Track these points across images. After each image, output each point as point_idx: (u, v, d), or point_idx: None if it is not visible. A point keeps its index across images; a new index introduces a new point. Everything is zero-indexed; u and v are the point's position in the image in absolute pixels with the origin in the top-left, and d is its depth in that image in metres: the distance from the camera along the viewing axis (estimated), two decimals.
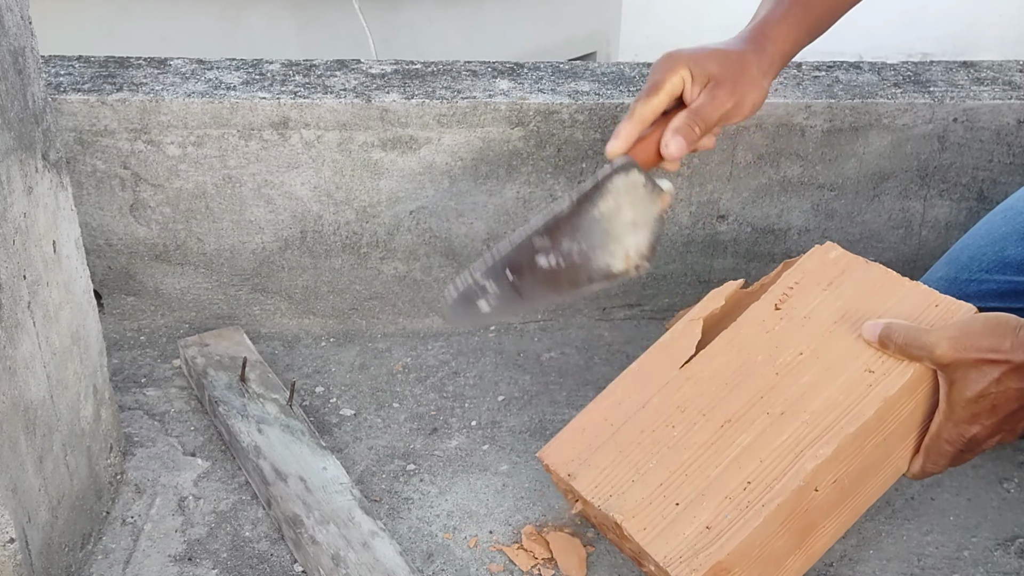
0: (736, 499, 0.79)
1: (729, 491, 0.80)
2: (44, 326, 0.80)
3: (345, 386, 1.16)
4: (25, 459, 0.77)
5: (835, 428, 0.79)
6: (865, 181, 1.23)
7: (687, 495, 0.81)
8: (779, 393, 0.83)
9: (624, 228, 0.78)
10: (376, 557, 0.87)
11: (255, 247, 1.21)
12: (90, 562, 0.90)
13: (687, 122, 0.83)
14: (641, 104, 0.84)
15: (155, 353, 1.20)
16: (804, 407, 0.81)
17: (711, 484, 0.81)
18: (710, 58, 0.85)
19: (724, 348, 0.89)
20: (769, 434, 0.81)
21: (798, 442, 0.80)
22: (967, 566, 0.92)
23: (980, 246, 1.04)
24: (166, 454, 1.03)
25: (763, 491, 0.78)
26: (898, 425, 0.81)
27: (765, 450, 0.80)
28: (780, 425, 0.81)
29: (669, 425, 0.86)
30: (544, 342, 1.25)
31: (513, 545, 0.92)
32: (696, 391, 0.87)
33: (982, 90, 1.23)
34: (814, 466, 0.78)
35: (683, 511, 0.80)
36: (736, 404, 0.84)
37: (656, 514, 0.81)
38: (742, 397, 0.84)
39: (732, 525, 0.78)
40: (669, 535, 0.79)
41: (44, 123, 0.81)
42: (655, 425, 0.86)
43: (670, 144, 0.82)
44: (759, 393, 0.84)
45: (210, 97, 1.12)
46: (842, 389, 0.81)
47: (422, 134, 1.15)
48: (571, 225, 0.77)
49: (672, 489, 0.82)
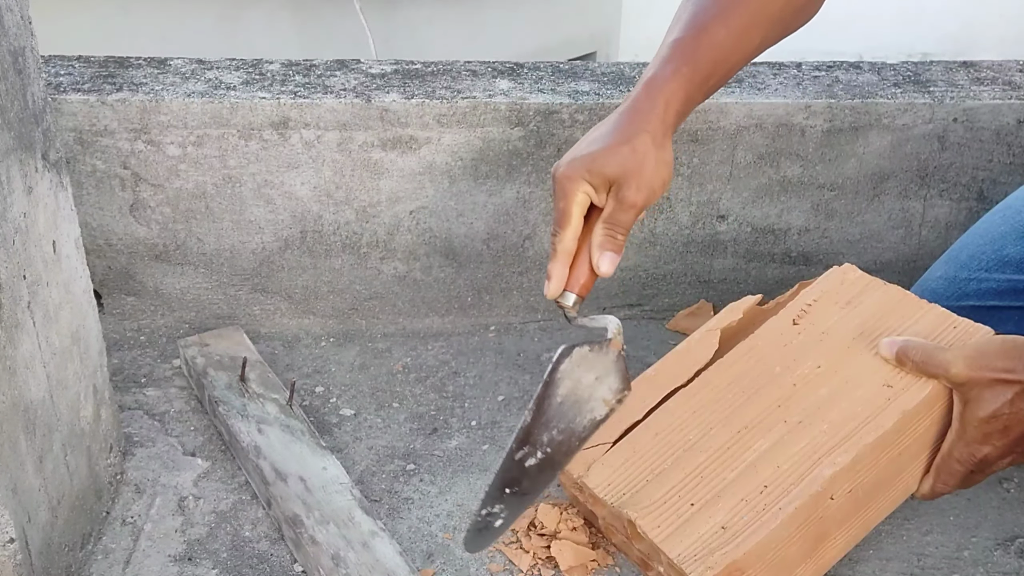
0: (752, 502, 0.79)
1: (745, 494, 0.80)
2: (44, 326, 0.80)
3: (345, 386, 1.16)
4: (25, 459, 0.77)
5: (854, 438, 0.80)
6: (865, 181, 1.23)
7: (702, 496, 0.81)
8: (797, 402, 0.84)
9: (590, 388, 0.81)
10: (376, 557, 0.87)
11: (255, 247, 1.21)
12: (90, 562, 0.90)
13: (607, 234, 0.81)
14: (559, 241, 0.82)
15: (155, 353, 1.20)
16: (823, 417, 0.82)
17: (727, 486, 0.81)
18: (605, 160, 0.80)
19: (741, 358, 0.90)
20: (787, 441, 0.81)
21: (816, 450, 0.80)
22: (967, 566, 0.92)
23: (979, 245, 1.05)
24: (166, 454, 1.03)
25: (780, 495, 0.78)
26: (914, 440, 0.82)
27: (782, 456, 0.81)
28: (798, 433, 0.82)
29: (685, 428, 0.86)
30: (544, 342, 1.25)
31: (513, 545, 0.92)
32: (713, 397, 0.87)
33: (982, 90, 1.23)
34: (832, 473, 0.78)
35: (698, 511, 0.80)
36: (753, 411, 0.85)
37: (671, 513, 0.81)
38: (759, 405, 0.85)
39: (748, 526, 0.78)
40: (684, 534, 0.79)
41: (44, 123, 0.81)
42: (671, 428, 0.87)
43: (601, 264, 0.81)
44: (777, 402, 0.84)
45: (210, 97, 1.12)
46: (860, 401, 0.82)
47: (422, 134, 1.15)
48: (540, 424, 0.80)
49: (688, 490, 0.82)
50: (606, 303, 1.28)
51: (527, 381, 1.17)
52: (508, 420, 1.10)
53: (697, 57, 0.86)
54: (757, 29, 0.88)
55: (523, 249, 1.24)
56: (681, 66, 0.85)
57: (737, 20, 0.87)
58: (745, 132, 1.18)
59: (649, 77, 0.85)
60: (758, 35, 0.89)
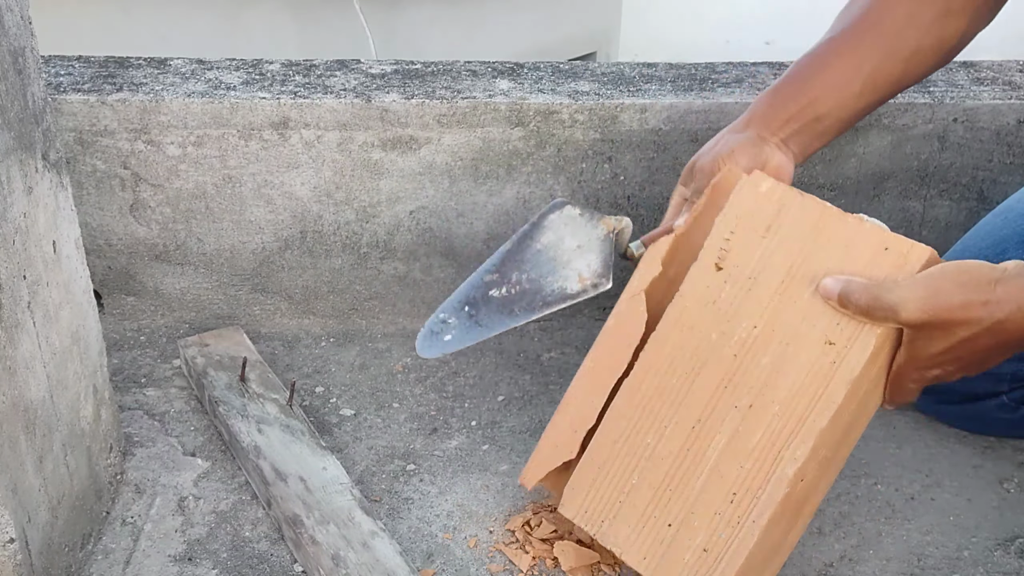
0: (726, 515, 0.79)
1: (717, 506, 0.79)
2: (44, 326, 0.80)
3: (345, 386, 1.16)
4: (25, 459, 0.77)
5: (807, 421, 0.77)
6: (865, 181, 1.23)
7: (677, 513, 0.81)
8: (742, 379, 0.80)
9: (570, 254, 0.84)
10: (376, 557, 0.87)
11: (255, 247, 1.21)
12: (90, 562, 0.90)
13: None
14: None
15: (155, 353, 1.20)
16: (771, 396, 0.78)
17: (697, 498, 0.80)
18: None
19: (673, 328, 0.84)
20: (742, 434, 0.79)
21: (774, 441, 0.78)
22: (967, 566, 0.92)
23: (980, 248, 1.04)
24: (166, 454, 1.03)
25: (750, 503, 0.78)
26: (868, 385, 0.79)
27: (742, 453, 0.79)
28: (751, 421, 0.79)
29: (640, 431, 0.84)
30: (544, 342, 1.25)
31: (513, 545, 0.92)
32: (657, 385, 0.83)
33: (982, 90, 1.23)
34: (795, 470, 0.77)
35: (677, 533, 0.81)
36: (701, 398, 0.81)
37: (652, 539, 0.81)
38: (706, 388, 0.81)
39: (728, 545, 0.78)
40: (670, 562, 0.80)
41: (44, 123, 0.81)
42: (627, 432, 0.84)
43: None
44: (722, 382, 0.81)
45: (210, 97, 1.12)
46: (804, 370, 0.77)
47: (422, 134, 1.15)
48: (515, 259, 0.84)
49: (661, 507, 0.82)
50: (606, 303, 1.27)
51: (527, 381, 1.17)
52: (508, 420, 1.10)
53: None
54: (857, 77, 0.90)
55: None
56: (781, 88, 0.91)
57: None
58: None
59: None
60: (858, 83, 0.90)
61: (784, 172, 0.89)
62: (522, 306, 0.84)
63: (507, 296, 0.84)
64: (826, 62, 0.90)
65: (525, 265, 0.83)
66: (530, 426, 1.09)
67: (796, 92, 0.90)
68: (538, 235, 0.84)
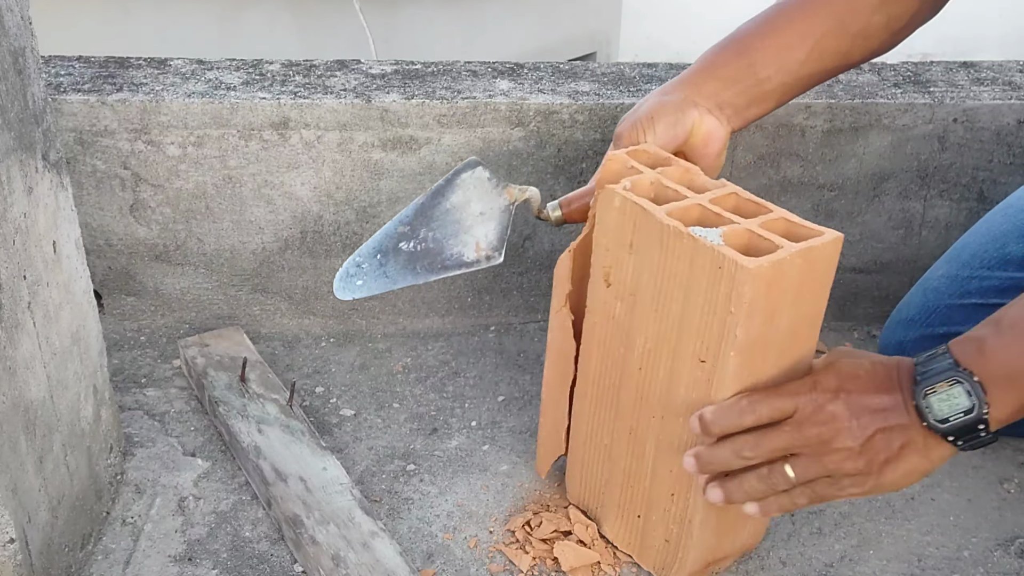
0: (671, 511, 0.85)
1: (664, 504, 0.85)
2: (44, 326, 0.80)
3: (345, 386, 1.16)
4: (25, 459, 0.77)
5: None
6: (865, 181, 1.23)
7: (639, 507, 0.88)
8: (649, 392, 0.82)
9: (473, 219, 0.86)
10: (376, 557, 0.87)
11: (255, 247, 1.21)
12: (90, 562, 0.90)
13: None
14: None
15: (155, 353, 1.20)
16: (673, 409, 0.80)
17: (650, 496, 0.86)
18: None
19: (591, 343, 0.86)
20: (663, 442, 0.83)
21: (686, 449, 0.80)
22: (967, 566, 0.92)
23: (981, 243, 1.05)
24: (166, 454, 1.03)
25: (684, 504, 0.83)
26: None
27: (668, 457, 0.82)
28: (666, 431, 0.82)
29: (599, 432, 0.89)
30: (544, 342, 1.24)
31: (513, 545, 0.92)
32: (595, 397, 0.88)
33: (982, 90, 1.23)
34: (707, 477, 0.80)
35: (645, 524, 0.88)
36: (627, 408, 0.85)
37: (629, 528, 0.90)
38: (627, 400, 0.85)
39: (680, 539, 0.85)
40: (646, 549, 0.89)
41: (44, 123, 0.81)
42: (588, 433, 0.91)
43: None
44: (637, 394, 0.83)
45: (210, 97, 1.12)
46: (690, 384, 0.78)
47: (422, 134, 1.15)
48: (427, 215, 0.86)
49: (628, 501, 0.89)
50: None
51: (527, 381, 1.17)
52: (508, 420, 1.10)
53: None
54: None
55: (523, 249, 1.24)
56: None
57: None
58: (745, 132, 1.18)
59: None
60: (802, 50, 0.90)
61: (714, 138, 0.89)
62: (424, 265, 0.87)
63: (413, 252, 0.86)
64: (776, 26, 0.91)
65: (433, 223, 0.86)
66: (530, 426, 1.09)
67: (738, 52, 0.90)
68: (449, 192, 0.86)
